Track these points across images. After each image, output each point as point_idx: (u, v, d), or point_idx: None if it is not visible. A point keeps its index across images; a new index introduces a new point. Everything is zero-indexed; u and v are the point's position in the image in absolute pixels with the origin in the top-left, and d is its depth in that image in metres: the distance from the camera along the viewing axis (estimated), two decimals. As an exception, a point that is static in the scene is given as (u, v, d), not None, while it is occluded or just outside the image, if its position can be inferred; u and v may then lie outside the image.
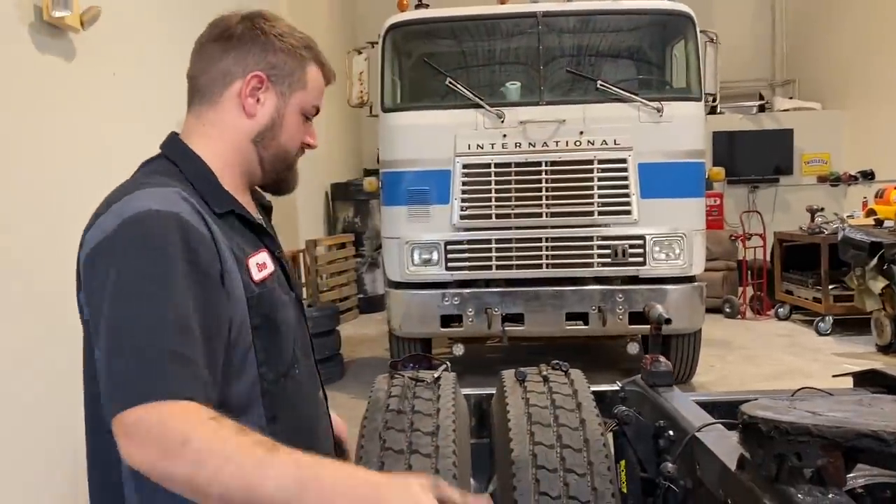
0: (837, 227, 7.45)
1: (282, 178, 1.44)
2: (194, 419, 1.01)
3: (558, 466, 1.73)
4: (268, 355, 1.28)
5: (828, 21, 10.92)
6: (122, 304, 1.11)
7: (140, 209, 1.17)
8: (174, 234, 1.15)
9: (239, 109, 1.36)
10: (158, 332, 1.07)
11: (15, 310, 2.92)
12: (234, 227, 1.30)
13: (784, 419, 1.35)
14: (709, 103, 5.67)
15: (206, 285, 1.15)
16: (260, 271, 1.29)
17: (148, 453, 1.01)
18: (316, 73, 1.41)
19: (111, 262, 1.15)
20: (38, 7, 3.17)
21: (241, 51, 1.36)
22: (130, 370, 1.06)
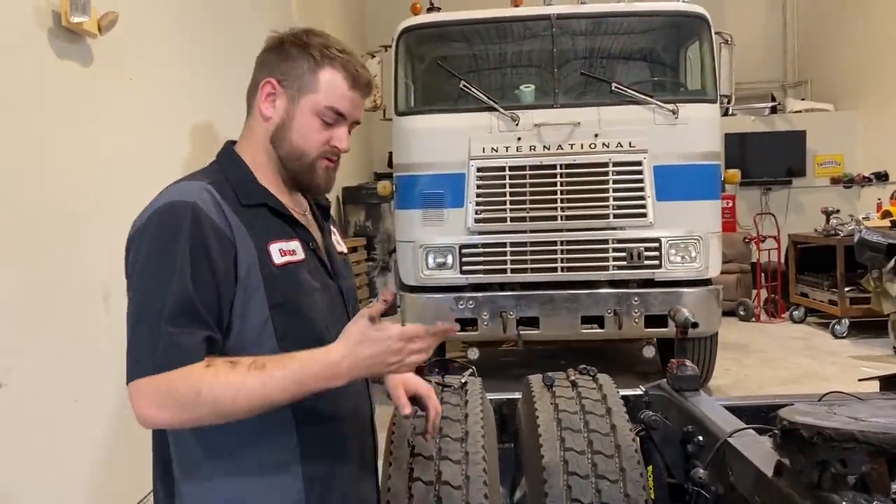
0: (853, 228, 7.38)
1: (302, 178, 1.54)
2: (196, 374, 1.28)
3: (590, 472, 1.71)
4: (287, 331, 1.43)
5: (839, 21, 10.86)
6: (138, 285, 1.36)
7: (164, 202, 1.39)
8: (186, 221, 1.35)
9: (260, 113, 1.53)
10: (164, 309, 1.30)
11: (38, 307, 2.93)
12: (262, 217, 1.46)
13: (828, 425, 1.32)
14: (724, 105, 5.64)
15: (212, 262, 1.35)
16: (283, 256, 1.45)
17: (170, 413, 1.29)
18: (332, 77, 1.49)
19: (137, 248, 1.39)
20: (57, 13, 3.18)
21: (265, 61, 1.54)
22: (140, 344, 1.31)
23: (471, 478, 1.69)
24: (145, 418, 1.30)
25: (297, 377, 1.31)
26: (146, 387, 1.28)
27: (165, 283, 1.31)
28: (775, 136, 10.64)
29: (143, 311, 1.33)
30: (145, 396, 1.28)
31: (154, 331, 1.29)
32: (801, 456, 1.40)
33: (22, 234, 2.88)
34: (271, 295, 1.41)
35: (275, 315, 1.41)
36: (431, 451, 1.74)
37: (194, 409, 1.28)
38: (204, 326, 1.33)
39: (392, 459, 1.75)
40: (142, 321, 1.32)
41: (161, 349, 1.28)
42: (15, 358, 2.80)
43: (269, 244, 1.44)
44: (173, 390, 1.27)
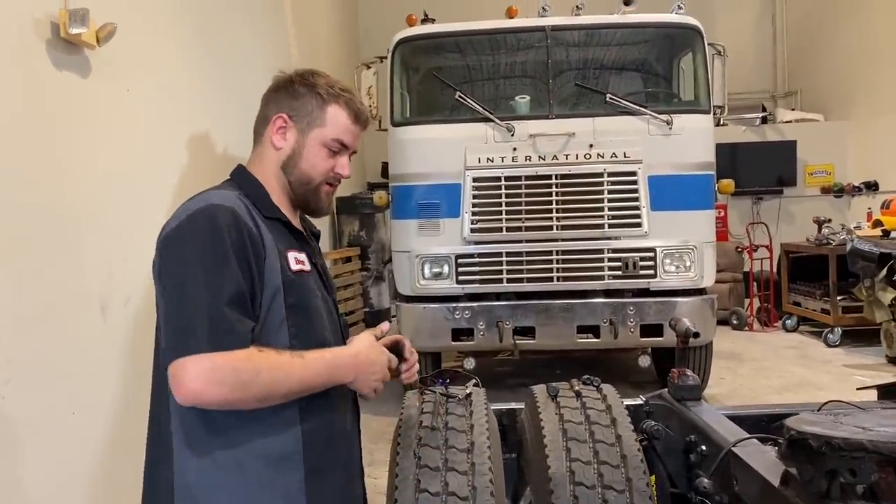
0: (845, 238, 7.44)
1: (308, 201, 1.75)
2: (255, 356, 1.44)
3: (596, 483, 1.71)
4: (299, 330, 1.59)
5: (829, 32, 10.97)
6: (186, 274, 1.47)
7: (205, 203, 1.55)
8: (230, 222, 1.51)
9: (270, 144, 1.73)
10: (222, 294, 1.44)
11: (36, 317, 2.92)
12: (278, 229, 1.66)
13: (836, 435, 1.33)
14: (716, 115, 5.68)
15: (249, 261, 1.51)
16: (297, 264, 1.64)
17: (224, 390, 1.41)
18: (337, 113, 1.71)
19: (182, 243, 1.51)
20: (55, 24, 3.18)
21: (276, 98, 1.74)
22: (196, 323, 1.42)
23: (477, 489, 1.69)
24: (193, 393, 1.40)
25: (330, 367, 1.56)
26: (201, 364, 1.39)
27: (220, 271, 1.46)
28: (766, 147, 10.72)
29: (198, 293, 1.44)
30: (199, 373, 1.39)
31: (212, 312, 1.42)
32: (810, 465, 1.41)
33: (20, 244, 2.87)
34: (289, 297, 1.58)
35: (289, 316, 1.58)
36: (438, 463, 1.74)
37: (250, 388, 1.43)
38: (251, 317, 1.49)
39: (398, 471, 1.75)
40: (196, 303, 1.44)
41: (220, 330, 1.41)
42: (13, 369, 2.78)
43: (288, 251, 1.63)
44: (236, 369, 1.41)
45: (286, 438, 1.56)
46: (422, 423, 1.88)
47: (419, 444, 1.81)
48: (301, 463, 1.57)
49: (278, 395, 1.49)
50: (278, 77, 1.77)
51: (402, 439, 1.85)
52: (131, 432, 1.34)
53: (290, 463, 1.56)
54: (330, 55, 9.65)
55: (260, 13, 6.53)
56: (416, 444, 1.81)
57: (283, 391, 1.49)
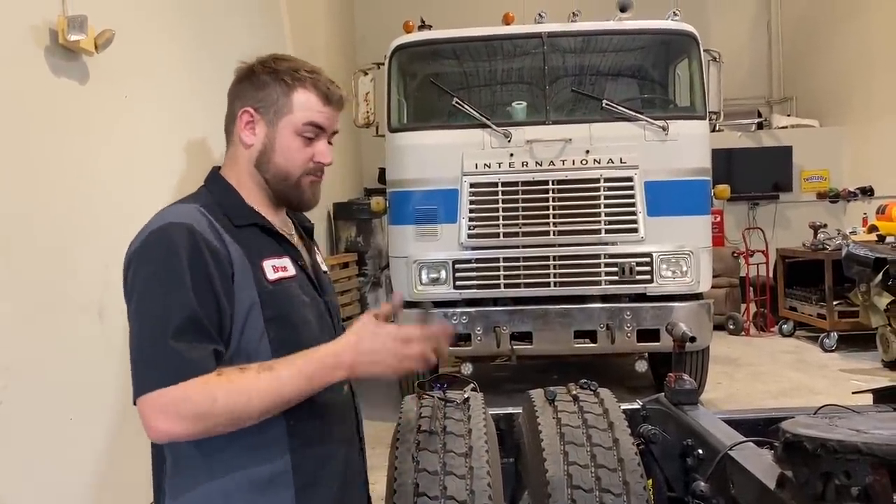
0: (841, 243, 7.47)
1: (290, 196, 1.61)
2: (211, 382, 1.33)
3: (594, 486, 1.72)
4: (281, 345, 1.47)
5: (824, 38, 11.03)
6: (140, 304, 1.40)
7: (162, 223, 1.45)
8: (184, 241, 1.41)
9: (240, 142, 1.60)
10: (170, 324, 1.34)
11: (34, 323, 2.92)
12: (255, 236, 1.53)
13: (831, 437, 1.35)
14: (712, 121, 5.71)
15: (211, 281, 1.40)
16: (276, 272, 1.52)
17: (187, 424, 1.32)
18: (305, 96, 1.57)
19: (137, 267, 1.43)
20: (54, 31, 3.19)
21: (240, 92, 1.61)
22: (148, 360, 1.35)
23: (475, 492, 1.70)
24: (159, 432, 1.33)
25: (305, 372, 1.39)
26: (158, 400, 1.31)
27: (169, 299, 1.37)
28: (762, 152, 10.77)
29: (149, 327, 1.37)
30: (158, 410, 1.31)
31: (161, 346, 1.33)
32: (805, 468, 1.42)
33: (17, 249, 2.88)
34: (266, 310, 1.47)
35: (270, 329, 1.47)
36: (436, 467, 1.75)
37: (211, 417, 1.33)
38: (210, 340, 1.38)
39: (397, 474, 1.76)
40: (148, 338, 1.36)
41: (170, 363, 1.33)
42: (10, 375, 2.78)
43: (263, 261, 1.50)
44: (188, 400, 1.31)
45: (274, 460, 1.48)
46: (420, 427, 1.89)
47: (417, 448, 1.81)
48: (291, 483, 1.49)
49: (250, 415, 1.37)
50: (239, 68, 1.64)
51: (401, 443, 1.86)
52: (129, 438, 1.35)
53: (278, 486, 1.48)
54: (327, 61, 9.67)
55: (257, 19, 6.55)
56: (415, 448, 1.82)
57: (254, 412, 1.37)
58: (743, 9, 12.15)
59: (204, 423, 1.33)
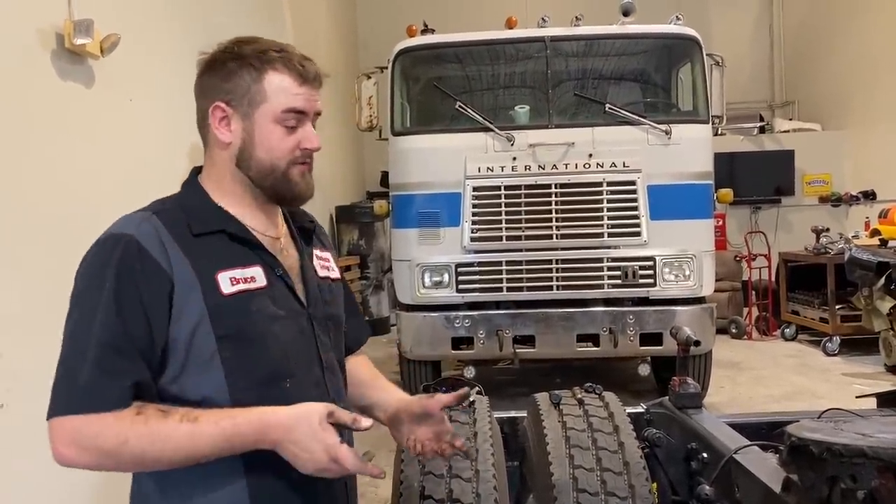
0: (843, 247, 7.47)
1: (280, 190, 1.46)
2: (126, 421, 1.24)
3: (599, 490, 1.73)
4: (238, 364, 1.35)
5: (826, 42, 11.04)
6: (68, 320, 1.31)
7: (106, 234, 1.36)
8: (114, 256, 1.30)
9: (217, 141, 1.45)
10: (89, 349, 1.25)
11: (38, 327, 2.93)
12: (215, 245, 1.38)
13: (837, 441, 1.35)
14: (714, 125, 5.72)
15: (141, 300, 1.29)
16: (234, 284, 1.36)
17: (90, 457, 1.24)
18: (278, 79, 1.42)
19: (76, 277, 1.35)
20: (60, 35, 3.21)
21: (206, 86, 1.46)
22: (63, 382, 1.26)
23: (482, 495, 1.71)
24: (63, 457, 1.25)
25: (228, 435, 1.27)
26: (67, 426, 1.24)
27: (91, 320, 1.27)
28: (764, 156, 10.77)
29: (71, 347, 1.29)
30: (65, 435, 1.24)
31: (80, 371, 1.25)
32: (811, 472, 1.43)
33: (22, 252, 2.89)
34: (218, 326, 1.33)
35: (223, 348, 1.34)
36: (442, 470, 1.75)
37: (117, 457, 1.25)
38: (131, 368, 1.27)
39: (403, 478, 1.76)
40: (69, 357, 1.28)
41: (85, 392, 1.24)
42: (14, 379, 2.79)
43: (218, 273, 1.36)
44: (98, 435, 1.23)
45: (230, 493, 1.35)
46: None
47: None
48: None
49: (159, 463, 1.28)
50: (202, 59, 1.48)
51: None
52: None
53: None
54: (330, 64, 9.69)
55: (260, 23, 6.58)
56: (421, 452, 1.82)
57: (164, 461, 1.27)
58: (745, 13, 12.17)
59: (108, 461, 1.25)
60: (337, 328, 1.58)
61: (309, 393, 1.42)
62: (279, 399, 1.35)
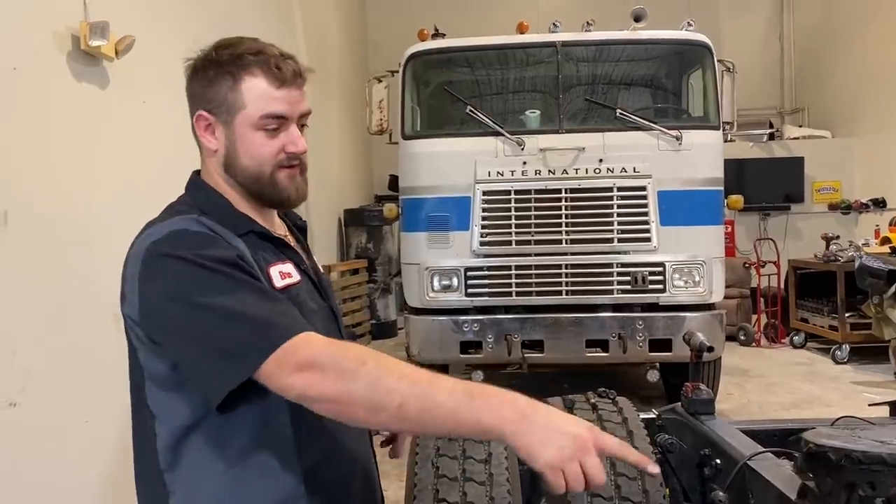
0: (853, 254, 7.44)
1: (268, 194, 1.45)
2: (358, 347, 1.21)
3: (614, 495, 1.73)
4: None
5: (836, 49, 11.01)
6: (200, 301, 1.23)
7: (163, 233, 1.32)
8: (204, 237, 1.30)
9: (205, 149, 1.47)
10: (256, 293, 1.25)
11: (51, 326, 2.95)
12: (254, 243, 1.40)
13: (856, 448, 1.35)
14: (725, 132, 5.71)
15: (244, 267, 1.30)
16: (283, 279, 1.39)
17: (328, 378, 1.15)
18: (254, 84, 1.39)
19: (162, 278, 1.27)
20: (76, 37, 3.23)
21: (192, 93, 1.46)
22: (253, 327, 1.20)
23: (495, 499, 1.71)
24: (297, 386, 1.17)
25: (469, 390, 1.15)
26: (295, 354, 1.18)
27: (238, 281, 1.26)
28: (773, 163, 10.75)
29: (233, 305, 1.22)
30: (293, 362, 1.17)
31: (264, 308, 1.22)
32: (828, 479, 1.42)
33: (36, 253, 2.91)
34: None
35: None
36: (456, 473, 1.75)
37: (354, 380, 1.15)
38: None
39: (416, 480, 1.76)
40: (237, 312, 1.22)
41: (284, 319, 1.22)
42: (28, 378, 2.81)
43: (270, 267, 1.38)
44: (337, 353, 1.18)
45: (285, 483, 1.34)
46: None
47: (437, 454, 1.82)
48: None
49: (390, 404, 1.15)
50: (186, 66, 1.47)
51: (420, 449, 1.87)
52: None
53: None
54: (340, 67, 9.72)
55: (272, 26, 6.60)
56: (435, 454, 1.82)
57: (395, 400, 1.14)
58: (755, 19, 12.15)
59: (343, 385, 1.15)
60: (341, 318, 1.62)
61: None
62: None
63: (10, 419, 2.69)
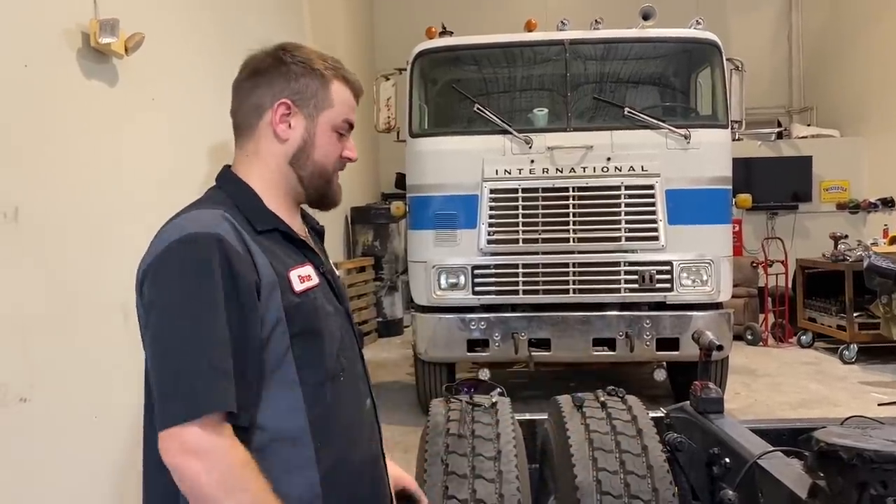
0: (862, 254, 7.41)
1: (323, 193, 1.52)
2: (253, 472, 1.23)
3: (623, 493, 1.72)
4: (308, 361, 1.37)
5: (845, 48, 10.96)
6: (169, 323, 1.26)
7: (184, 234, 1.31)
8: (215, 256, 1.27)
9: (273, 136, 1.47)
10: (203, 350, 1.23)
11: (60, 323, 2.96)
12: (277, 243, 1.41)
13: (868, 447, 1.34)
14: (734, 130, 5.69)
15: (242, 301, 1.28)
16: (302, 283, 1.39)
17: (211, 480, 1.19)
18: (341, 90, 1.49)
19: (161, 284, 1.30)
20: (86, 34, 3.24)
21: (267, 83, 1.47)
22: (181, 385, 1.22)
23: (504, 496, 1.71)
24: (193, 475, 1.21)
25: None
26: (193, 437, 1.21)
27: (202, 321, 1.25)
28: (781, 162, 10.71)
29: (180, 350, 1.25)
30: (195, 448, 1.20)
31: (197, 370, 1.23)
32: (840, 478, 1.42)
33: (46, 248, 2.92)
34: (292, 325, 1.36)
35: (295, 345, 1.36)
36: (465, 470, 1.75)
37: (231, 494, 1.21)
38: (238, 369, 1.27)
39: (426, 477, 1.77)
40: (182, 360, 1.24)
41: (205, 389, 1.22)
42: (37, 374, 2.82)
43: (289, 271, 1.39)
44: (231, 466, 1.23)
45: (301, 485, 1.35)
46: (449, 430, 1.90)
47: (447, 452, 1.82)
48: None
49: None
50: (257, 57, 1.49)
51: (430, 446, 1.87)
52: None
53: None
54: (348, 65, 9.70)
55: (280, 25, 6.61)
56: (444, 452, 1.82)
57: None
58: (763, 18, 12.10)
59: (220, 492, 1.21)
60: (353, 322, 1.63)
61: (356, 387, 1.50)
62: (339, 392, 1.43)
63: (21, 415, 2.70)
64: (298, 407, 1.36)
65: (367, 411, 1.53)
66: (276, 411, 1.35)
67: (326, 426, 1.38)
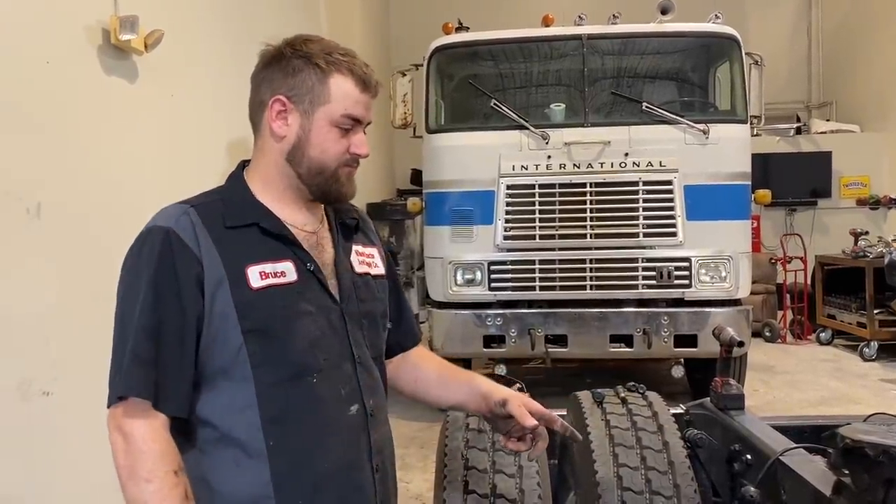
0: (883, 250, 7.33)
1: (326, 189, 1.48)
2: (166, 467, 1.29)
3: (644, 489, 1.72)
4: (264, 359, 1.36)
5: (865, 43, 10.83)
6: (117, 309, 1.37)
7: (146, 227, 1.39)
8: (157, 248, 1.34)
9: (271, 133, 1.46)
10: (127, 336, 1.31)
11: (82, 317, 2.98)
12: (247, 238, 1.40)
13: (894, 444, 1.33)
14: (753, 125, 5.64)
15: (178, 293, 1.32)
16: (264, 279, 1.37)
17: (124, 462, 1.30)
18: (342, 83, 1.44)
19: (122, 269, 1.40)
20: (106, 30, 3.27)
21: (268, 78, 1.46)
22: (112, 367, 1.33)
23: (525, 491, 1.71)
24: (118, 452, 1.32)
25: None
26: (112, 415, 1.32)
27: (133, 311, 1.33)
28: (800, 157, 10.59)
29: (116, 337, 1.36)
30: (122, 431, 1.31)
31: (121, 357, 1.32)
32: (865, 474, 1.40)
33: (68, 244, 2.94)
34: (245, 321, 1.35)
35: (249, 342, 1.35)
36: (486, 465, 1.75)
37: (134, 482, 1.30)
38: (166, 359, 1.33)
39: (446, 472, 1.77)
40: (115, 346, 1.35)
41: (125, 376, 1.30)
42: (61, 368, 2.85)
43: (248, 267, 1.37)
44: (144, 453, 1.30)
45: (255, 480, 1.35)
46: (469, 425, 1.90)
47: (467, 446, 1.82)
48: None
49: None
50: (265, 51, 1.48)
51: (450, 441, 1.87)
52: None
53: None
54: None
55: (297, 21, 6.63)
56: (464, 446, 1.82)
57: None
58: (783, 12, 11.98)
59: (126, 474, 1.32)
60: (373, 325, 1.56)
61: (338, 389, 1.44)
62: (306, 394, 1.39)
63: (43, 408, 2.73)
64: (251, 404, 1.35)
65: (350, 416, 1.45)
66: (227, 408, 1.36)
67: (283, 427, 1.36)
